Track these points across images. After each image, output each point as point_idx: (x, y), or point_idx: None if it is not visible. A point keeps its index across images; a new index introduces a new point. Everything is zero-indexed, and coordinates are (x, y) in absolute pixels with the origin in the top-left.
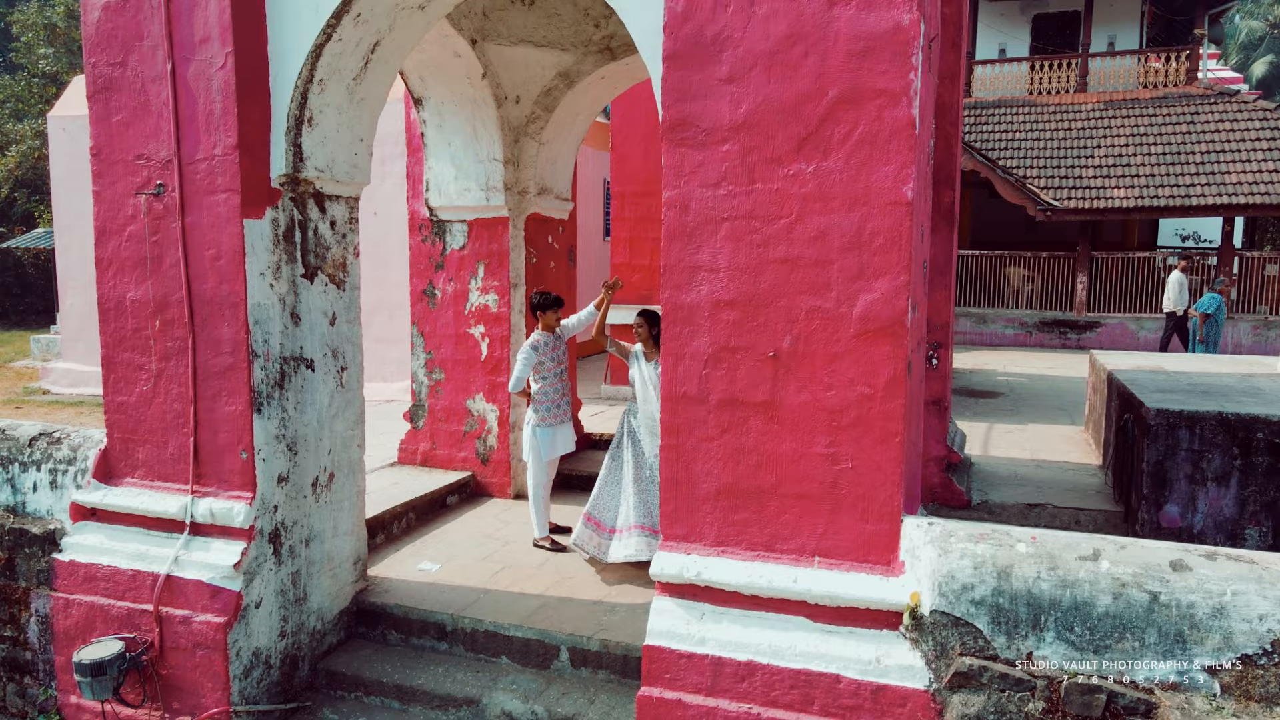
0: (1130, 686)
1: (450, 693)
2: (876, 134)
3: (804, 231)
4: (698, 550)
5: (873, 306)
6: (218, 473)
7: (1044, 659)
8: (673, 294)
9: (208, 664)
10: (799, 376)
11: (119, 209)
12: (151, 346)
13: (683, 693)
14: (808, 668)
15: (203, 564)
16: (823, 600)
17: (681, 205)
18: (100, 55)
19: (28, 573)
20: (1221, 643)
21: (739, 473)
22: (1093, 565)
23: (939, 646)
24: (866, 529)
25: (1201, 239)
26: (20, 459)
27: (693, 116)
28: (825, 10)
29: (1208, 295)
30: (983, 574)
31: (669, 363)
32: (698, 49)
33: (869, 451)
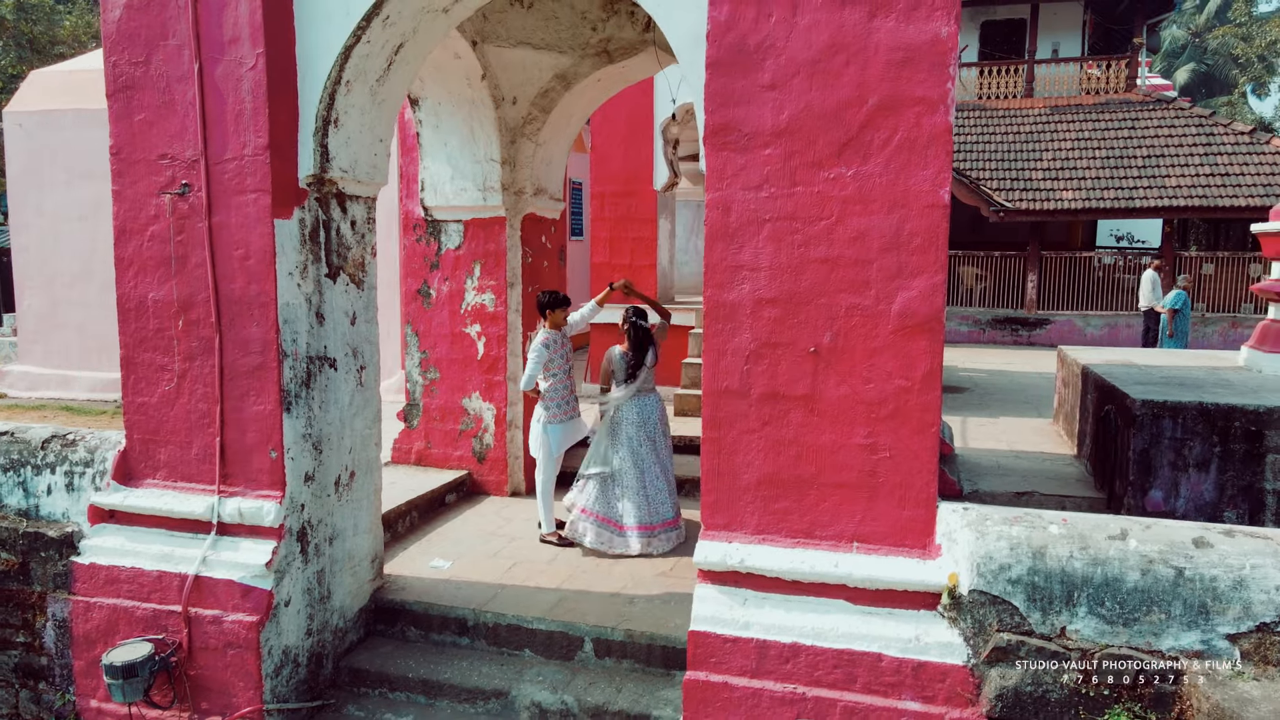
0: (1158, 656)
1: (478, 685)
2: (915, 140)
3: (844, 232)
4: (739, 538)
5: (911, 303)
6: (245, 472)
7: (1077, 633)
8: (715, 292)
9: (239, 663)
10: (839, 371)
11: (140, 209)
12: (175, 346)
13: (729, 675)
14: (850, 648)
15: (232, 563)
16: (862, 583)
17: (724, 207)
18: (121, 54)
19: (43, 577)
20: (1241, 612)
21: (779, 463)
22: (1121, 544)
23: (977, 624)
24: (904, 514)
25: (1135, 239)
26: (33, 462)
27: (735, 121)
28: (866, 22)
29: (1175, 292)
30: (1018, 554)
31: (710, 358)
32: (741, 56)
33: (906, 441)
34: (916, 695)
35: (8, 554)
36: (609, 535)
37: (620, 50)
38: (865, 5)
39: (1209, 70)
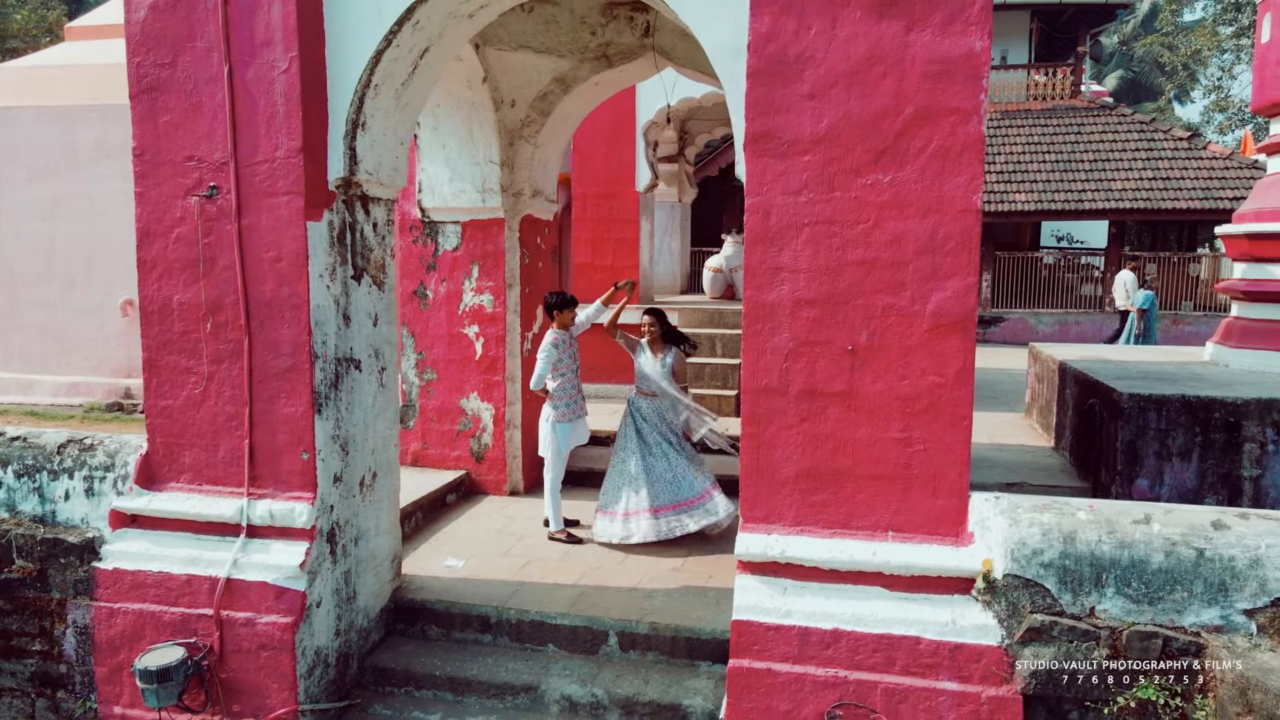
0: (1181, 631)
1: (507, 681)
2: (949, 148)
3: (881, 236)
4: (778, 530)
5: (945, 304)
6: (275, 474)
7: (1105, 612)
8: (755, 293)
9: (273, 664)
10: (875, 368)
11: (165, 211)
12: (202, 349)
13: (772, 662)
14: (890, 632)
15: (265, 565)
16: (899, 570)
17: (764, 211)
18: (146, 55)
19: (62, 583)
20: (1258, 589)
21: (817, 457)
22: (1146, 528)
23: (1011, 606)
24: (937, 504)
25: (1075, 240)
26: (49, 467)
27: (775, 129)
28: (903, 35)
29: (1142, 292)
30: (1050, 539)
31: (750, 357)
32: (781, 67)
33: (940, 434)
34: (953, 675)
35: (24, 561)
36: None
37: (620, 55)
38: (902, 19)
39: (1135, 77)
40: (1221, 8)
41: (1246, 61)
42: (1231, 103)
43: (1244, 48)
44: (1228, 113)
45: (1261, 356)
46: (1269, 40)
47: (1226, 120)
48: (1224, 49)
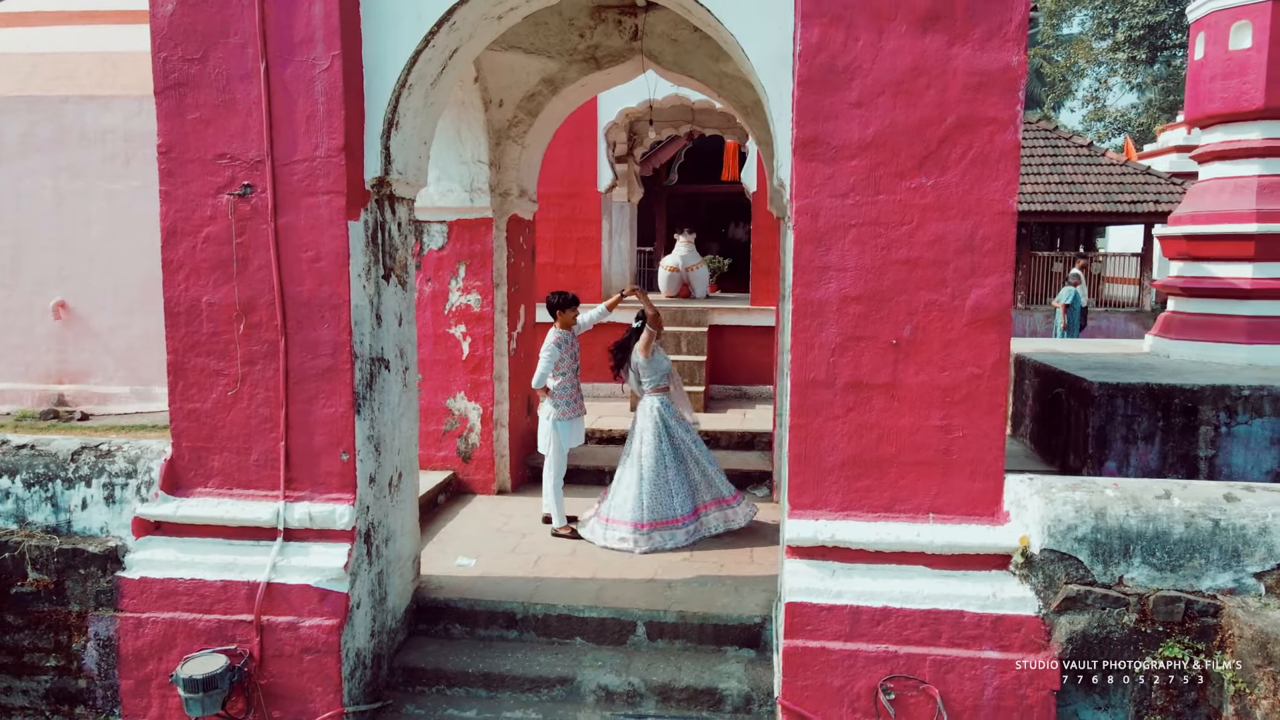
0: (1200, 595)
1: (541, 674)
2: (988, 154)
3: (924, 236)
4: (824, 515)
5: (983, 300)
6: (312, 476)
7: (1132, 580)
8: (803, 291)
9: (317, 668)
10: (917, 360)
11: (194, 209)
12: (233, 351)
13: (825, 640)
14: (935, 607)
15: (306, 568)
16: (941, 550)
17: (812, 213)
18: (174, 49)
19: (82, 595)
20: (1266, 554)
21: (862, 445)
22: (1167, 502)
23: (1047, 579)
24: (975, 486)
25: None
26: (63, 475)
27: (824, 135)
28: (945, 49)
29: (1065, 289)
30: (1083, 515)
31: (798, 352)
32: (830, 76)
33: (978, 422)
34: (995, 645)
35: (39, 574)
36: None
37: (608, 58)
38: (945, 34)
39: None
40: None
41: (1121, 74)
42: (1108, 112)
43: (1118, 60)
44: (1104, 121)
45: (1201, 347)
46: (1202, 57)
47: (1104, 129)
48: (1100, 62)
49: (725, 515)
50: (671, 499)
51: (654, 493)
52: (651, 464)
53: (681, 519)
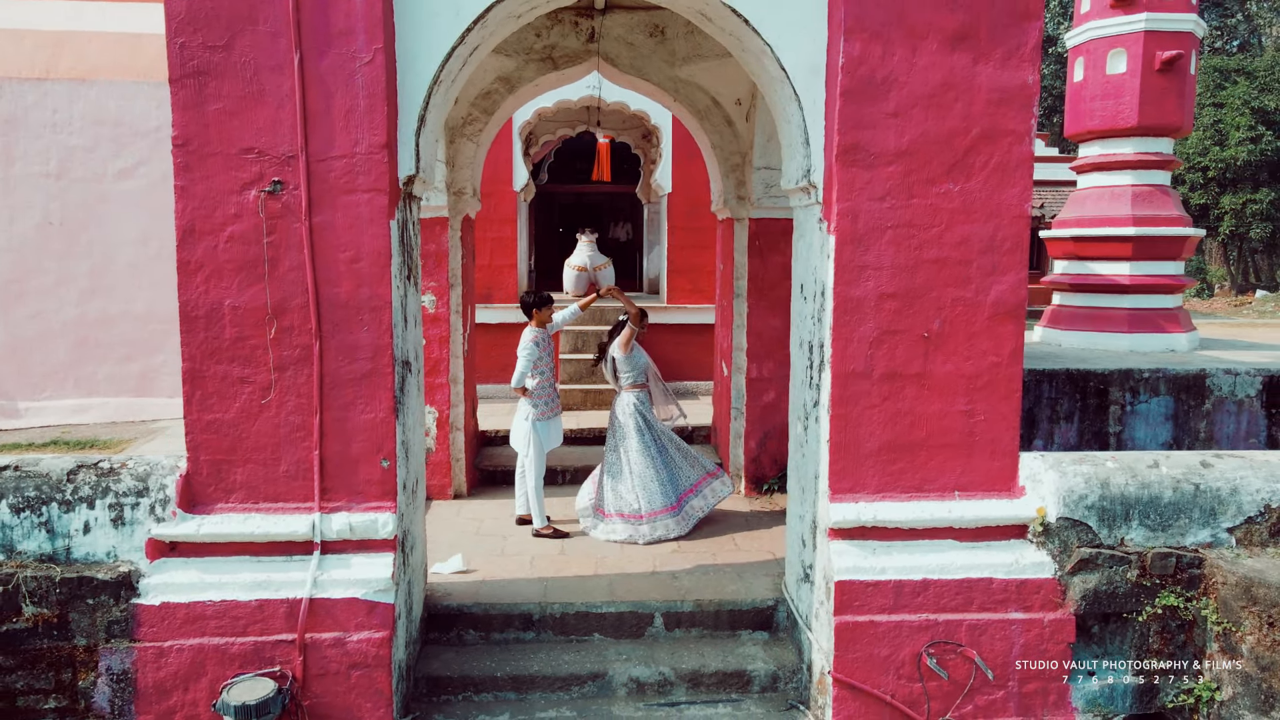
0: (1186, 550)
1: (573, 672)
2: (1007, 163)
3: (951, 237)
4: (863, 498)
5: (1002, 295)
6: (349, 485)
7: (1132, 540)
8: (844, 289)
9: (367, 683)
10: (945, 351)
11: (215, 207)
12: (259, 356)
13: (873, 614)
14: (968, 576)
15: (351, 581)
16: (969, 524)
17: (852, 215)
18: (193, 35)
19: (90, 628)
20: (1236, 511)
21: (896, 431)
22: (1157, 470)
23: (1062, 544)
24: (995, 465)
25: None
26: (59, 498)
27: (863, 143)
28: (971, 66)
29: None
30: (1091, 486)
31: (839, 346)
32: (869, 87)
33: (997, 406)
34: (1019, 607)
35: (38, 607)
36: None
37: (564, 58)
38: (971, 52)
39: None
40: None
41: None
42: None
43: None
44: None
45: (1088, 337)
46: (1081, 80)
47: None
48: None
49: (711, 490)
50: (663, 488)
51: (646, 484)
52: (639, 457)
53: (673, 506)
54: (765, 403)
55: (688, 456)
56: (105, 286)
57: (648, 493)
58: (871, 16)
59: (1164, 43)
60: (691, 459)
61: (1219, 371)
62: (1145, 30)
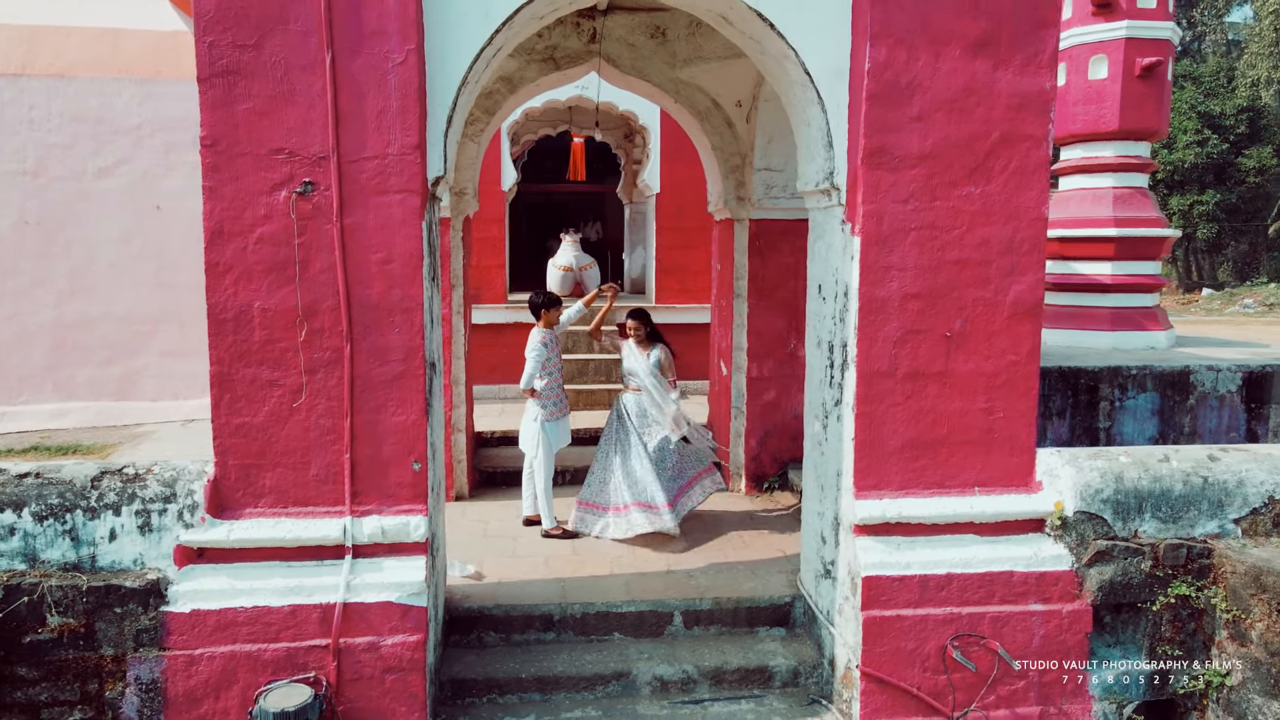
0: (1195, 540)
1: (597, 671)
2: (1025, 167)
3: (972, 239)
4: (886, 495)
5: (1021, 295)
6: (380, 488)
7: (1145, 532)
8: (869, 289)
9: (401, 687)
10: (966, 350)
11: (244, 208)
12: (289, 359)
13: (900, 609)
14: (989, 570)
15: (384, 584)
16: (989, 518)
17: (877, 217)
18: (222, 34)
19: (118, 637)
20: (1241, 503)
21: (919, 429)
22: (1168, 465)
23: (1079, 537)
24: (1013, 461)
25: None
26: (83, 505)
27: (889, 146)
28: (991, 72)
29: None
30: (1106, 480)
31: (864, 346)
32: (894, 92)
33: (1015, 403)
34: (1038, 598)
35: (64, 617)
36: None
37: (566, 59)
38: (991, 59)
39: None
40: None
41: None
42: None
43: None
44: None
45: (1071, 335)
46: (1064, 84)
47: None
48: None
49: (701, 487)
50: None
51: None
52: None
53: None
54: (766, 401)
55: (683, 453)
56: (85, 287)
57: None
58: (897, 22)
59: (1144, 49)
60: (688, 455)
61: (1202, 368)
62: (1126, 37)
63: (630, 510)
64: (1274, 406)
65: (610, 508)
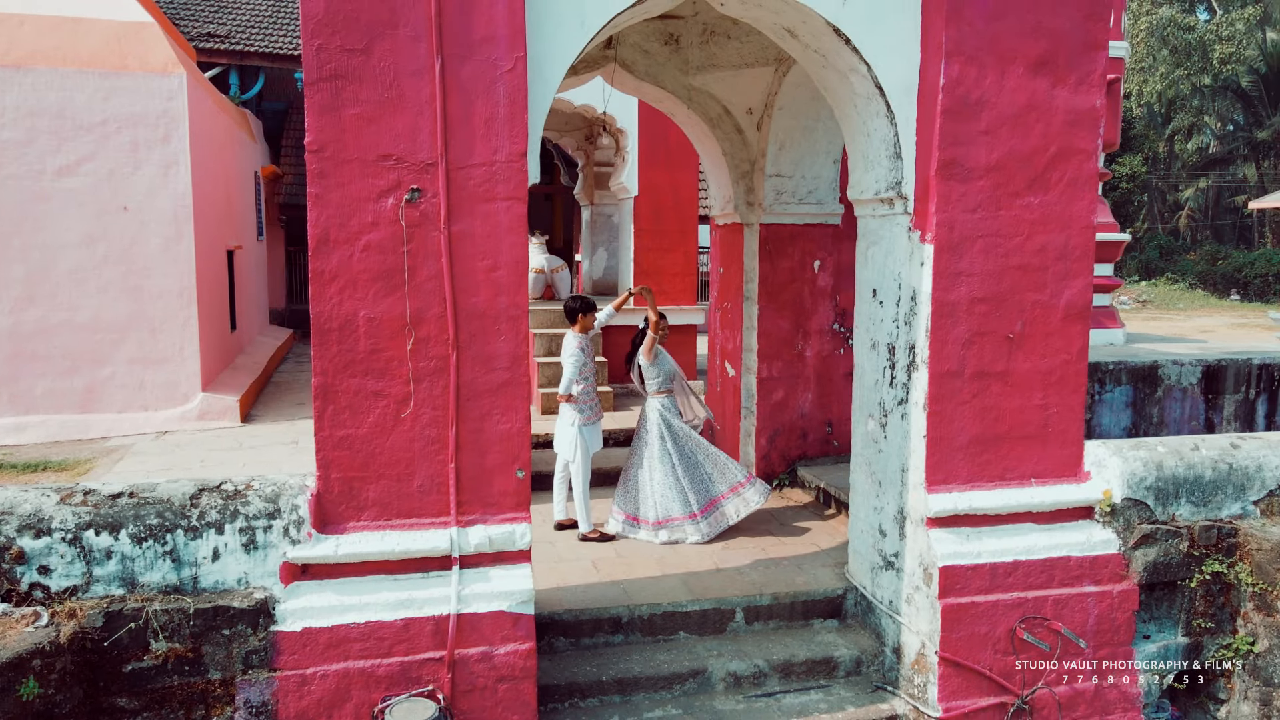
0: (1223, 522)
1: (675, 671)
2: (1078, 179)
3: (1031, 246)
4: (955, 489)
5: (1073, 298)
6: (484, 497)
7: (1181, 516)
8: (941, 294)
9: (513, 696)
10: (1025, 350)
11: (352, 215)
12: (394, 369)
13: (974, 595)
14: (1050, 555)
15: (495, 594)
16: (1046, 508)
17: (949, 225)
18: (332, 38)
19: (226, 660)
20: (1260, 486)
21: (983, 425)
22: (1198, 453)
23: (1126, 522)
24: (1064, 453)
25: None
26: (184, 524)
27: (960, 158)
28: (1050, 90)
29: None
30: (1149, 469)
31: (935, 347)
32: (966, 107)
33: (1066, 399)
34: (1092, 581)
35: (170, 642)
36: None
37: (584, 64)
38: (1050, 77)
39: None
40: None
41: None
42: None
43: None
44: None
45: None
46: None
47: None
48: None
49: (743, 499)
50: (681, 495)
51: (664, 492)
52: (659, 464)
53: (694, 514)
54: (775, 401)
55: (717, 464)
56: (44, 294)
57: (664, 500)
58: (969, 42)
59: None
60: (722, 466)
61: (1169, 363)
62: None
63: (660, 527)
64: (1227, 397)
65: (643, 521)
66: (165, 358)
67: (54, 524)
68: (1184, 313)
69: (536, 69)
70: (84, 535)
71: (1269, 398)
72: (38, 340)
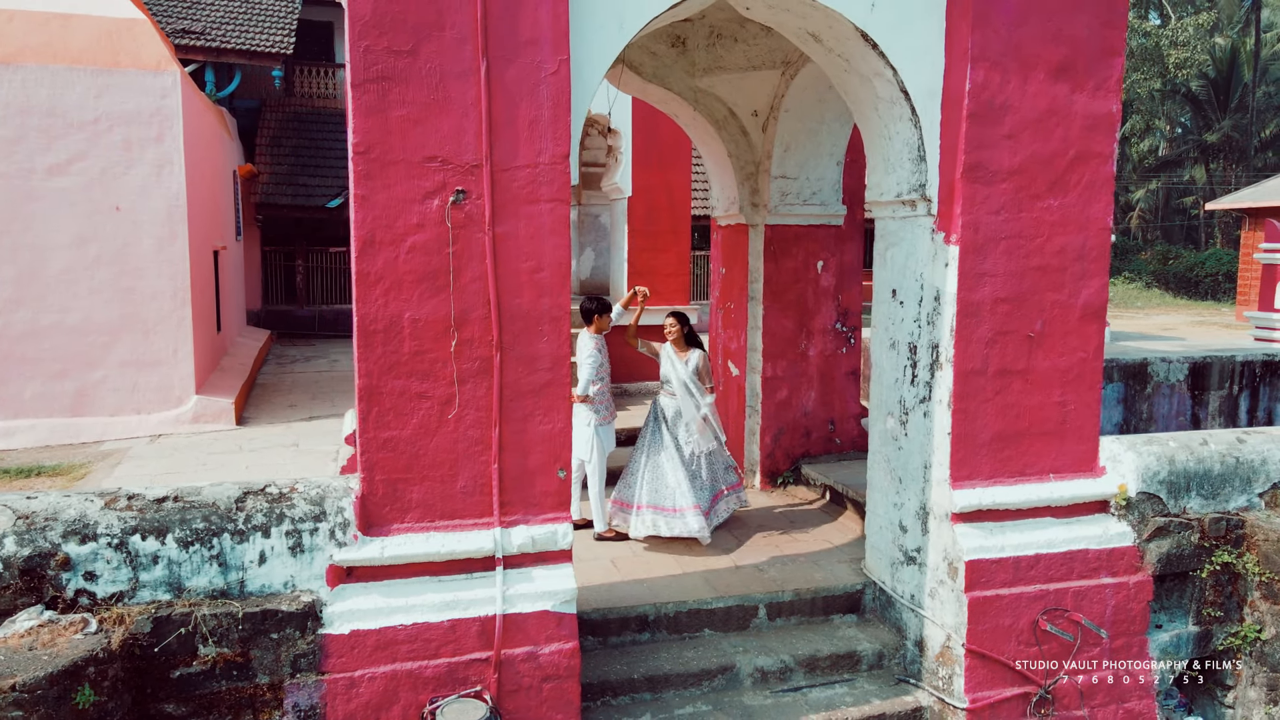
0: (1230, 514)
1: (704, 667)
2: (1095, 181)
3: (1051, 247)
4: (978, 485)
5: (1090, 298)
6: (526, 498)
7: (1191, 508)
8: (966, 294)
9: (558, 695)
10: (1044, 349)
11: (398, 216)
12: (438, 371)
13: (999, 589)
14: (1070, 549)
15: (539, 594)
16: (1064, 502)
17: (974, 227)
18: (379, 39)
19: (274, 664)
20: (1265, 480)
21: (1005, 422)
22: (1207, 448)
23: (1140, 515)
24: (1081, 449)
25: None
26: (230, 528)
27: (984, 161)
28: (1069, 95)
29: None
30: (1162, 463)
31: (960, 346)
32: (990, 111)
33: (1083, 396)
34: (1108, 572)
35: (219, 647)
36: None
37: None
38: (1069, 83)
39: None
40: None
41: None
42: None
43: None
44: None
45: None
46: None
47: None
48: None
49: (725, 504)
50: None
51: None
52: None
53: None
54: (779, 400)
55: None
56: (33, 295)
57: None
58: (993, 47)
59: None
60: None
61: (1157, 360)
62: None
63: (644, 510)
64: (1212, 393)
65: (633, 505)
66: (158, 360)
67: (99, 529)
68: (1143, 311)
69: (577, 71)
70: (130, 540)
71: (1251, 393)
72: (27, 343)
